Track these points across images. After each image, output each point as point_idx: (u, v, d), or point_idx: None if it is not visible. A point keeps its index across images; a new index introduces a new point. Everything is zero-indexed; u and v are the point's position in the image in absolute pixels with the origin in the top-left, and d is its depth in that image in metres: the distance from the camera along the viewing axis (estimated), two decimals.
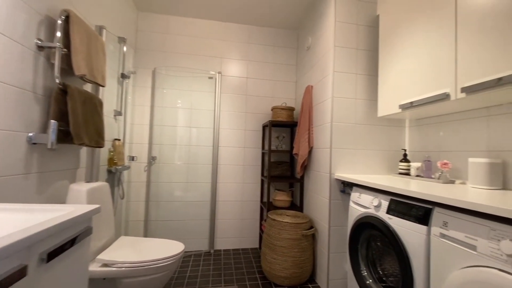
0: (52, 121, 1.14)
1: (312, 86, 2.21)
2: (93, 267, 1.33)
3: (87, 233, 0.82)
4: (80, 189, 1.35)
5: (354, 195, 1.55)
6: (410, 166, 1.68)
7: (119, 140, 2.08)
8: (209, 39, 2.63)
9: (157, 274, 1.42)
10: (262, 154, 2.70)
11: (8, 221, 0.75)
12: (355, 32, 1.87)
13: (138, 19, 2.50)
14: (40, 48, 1.18)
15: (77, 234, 0.76)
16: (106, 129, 1.80)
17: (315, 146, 2.07)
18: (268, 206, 2.34)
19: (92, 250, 1.39)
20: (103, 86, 1.63)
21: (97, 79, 1.50)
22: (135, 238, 1.70)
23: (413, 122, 1.85)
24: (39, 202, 1.20)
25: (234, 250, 2.55)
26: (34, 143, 1.15)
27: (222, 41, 2.65)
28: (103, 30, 1.71)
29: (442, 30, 1.24)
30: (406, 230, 1.10)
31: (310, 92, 2.21)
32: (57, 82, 1.20)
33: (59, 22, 1.21)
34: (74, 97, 1.28)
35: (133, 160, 2.39)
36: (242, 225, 2.63)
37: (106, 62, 1.74)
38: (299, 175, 2.34)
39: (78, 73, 1.29)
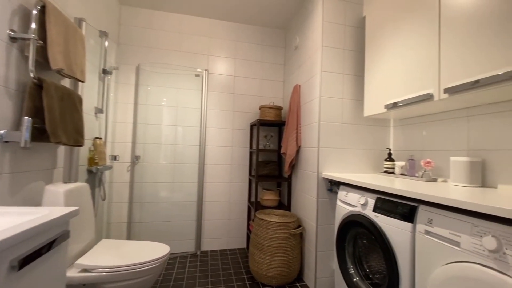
0: (25, 117, 1.07)
1: (300, 86, 2.22)
2: (71, 273, 1.26)
3: (64, 237, 0.77)
4: (57, 190, 1.28)
5: (341, 194, 1.57)
6: (394, 165, 1.72)
7: (100, 138, 1.99)
8: (196, 36, 2.57)
9: (141, 278, 1.37)
10: (250, 153, 2.68)
11: None
12: (343, 32, 1.89)
13: (121, 13, 2.40)
14: (13, 39, 1.10)
15: (53, 239, 0.71)
16: (86, 127, 1.71)
17: (303, 145, 2.08)
18: (256, 206, 2.33)
19: (70, 255, 1.31)
20: (83, 82, 1.55)
21: (75, 74, 1.42)
22: (118, 241, 1.63)
23: (397, 122, 1.90)
24: (12, 205, 1.12)
25: (221, 251, 2.51)
26: (6, 141, 1.07)
27: (209, 38, 2.61)
28: (83, 22, 1.62)
29: (426, 32, 1.28)
30: (392, 227, 1.12)
31: (298, 91, 2.21)
32: (31, 76, 1.12)
33: (34, 12, 1.14)
34: (50, 92, 1.20)
35: (115, 159, 2.30)
36: (229, 225, 2.60)
37: (86, 57, 1.66)
38: (287, 174, 2.35)
39: (54, 66, 1.22)
